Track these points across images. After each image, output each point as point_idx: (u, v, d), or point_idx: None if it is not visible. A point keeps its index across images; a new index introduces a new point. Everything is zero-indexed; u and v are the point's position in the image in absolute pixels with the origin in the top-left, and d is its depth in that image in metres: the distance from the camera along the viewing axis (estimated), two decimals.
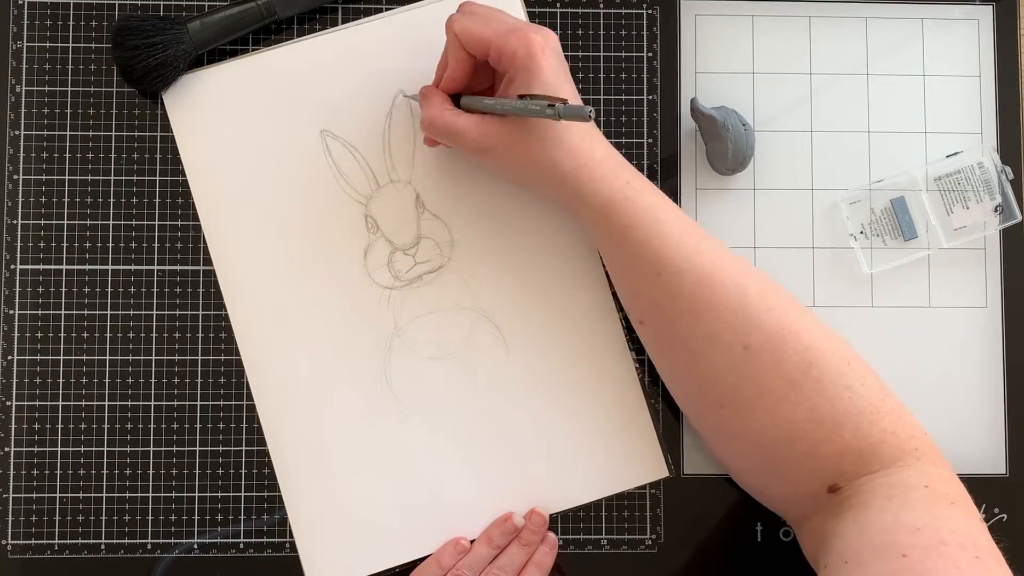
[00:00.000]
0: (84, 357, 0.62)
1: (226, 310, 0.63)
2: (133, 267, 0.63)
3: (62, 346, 0.62)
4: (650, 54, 0.65)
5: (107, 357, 0.62)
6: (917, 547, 0.46)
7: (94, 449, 0.62)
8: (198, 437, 0.62)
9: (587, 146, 0.55)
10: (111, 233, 0.63)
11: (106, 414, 0.62)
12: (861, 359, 0.54)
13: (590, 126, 0.56)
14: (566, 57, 0.64)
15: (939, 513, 0.49)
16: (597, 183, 0.55)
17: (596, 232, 0.57)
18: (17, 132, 0.63)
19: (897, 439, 0.52)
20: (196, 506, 0.62)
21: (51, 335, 0.62)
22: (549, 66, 0.54)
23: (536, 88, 0.53)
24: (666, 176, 0.64)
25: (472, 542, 0.61)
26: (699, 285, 0.54)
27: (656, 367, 0.60)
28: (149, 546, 0.62)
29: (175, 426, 0.62)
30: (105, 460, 0.62)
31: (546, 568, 0.61)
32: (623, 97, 0.64)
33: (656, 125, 0.64)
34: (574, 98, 0.56)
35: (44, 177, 0.63)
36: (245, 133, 0.63)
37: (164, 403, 0.62)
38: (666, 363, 0.58)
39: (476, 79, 0.58)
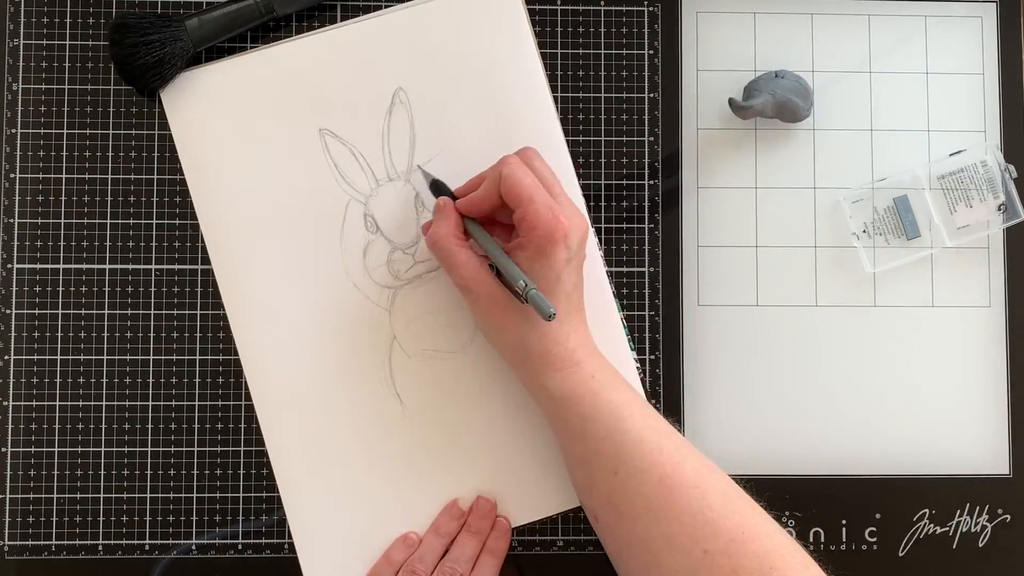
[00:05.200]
0: (81, 357, 0.62)
1: (224, 309, 0.62)
2: (131, 266, 0.63)
3: (59, 346, 0.62)
4: (651, 51, 0.64)
5: (104, 357, 0.62)
6: None
7: (91, 449, 0.62)
8: (196, 437, 0.62)
9: (562, 335, 0.54)
10: (108, 232, 0.63)
11: (104, 414, 0.62)
12: (818, 567, 0.52)
13: (574, 313, 0.56)
14: (567, 54, 0.64)
15: None
16: (558, 373, 0.54)
17: (552, 422, 0.56)
18: (14, 130, 0.63)
19: None
20: (194, 506, 0.62)
21: (48, 335, 0.62)
22: (562, 255, 0.53)
23: (540, 267, 0.53)
24: (667, 175, 0.64)
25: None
26: (659, 486, 0.52)
27: (612, 563, 0.57)
28: (147, 547, 0.62)
29: (173, 426, 0.62)
30: (103, 460, 0.62)
31: (500, 554, 0.60)
32: (624, 95, 0.64)
33: (657, 123, 0.64)
34: (571, 289, 0.55)
35: (41, 175, 0.63)
36: (243, 131, 0.63)
37: (162, 403, 0.62)
38: (622, 562, 0.56)
39: (501, 214, 0.57)
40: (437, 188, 0.60)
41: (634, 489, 0.53)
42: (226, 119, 0.63)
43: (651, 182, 0.64)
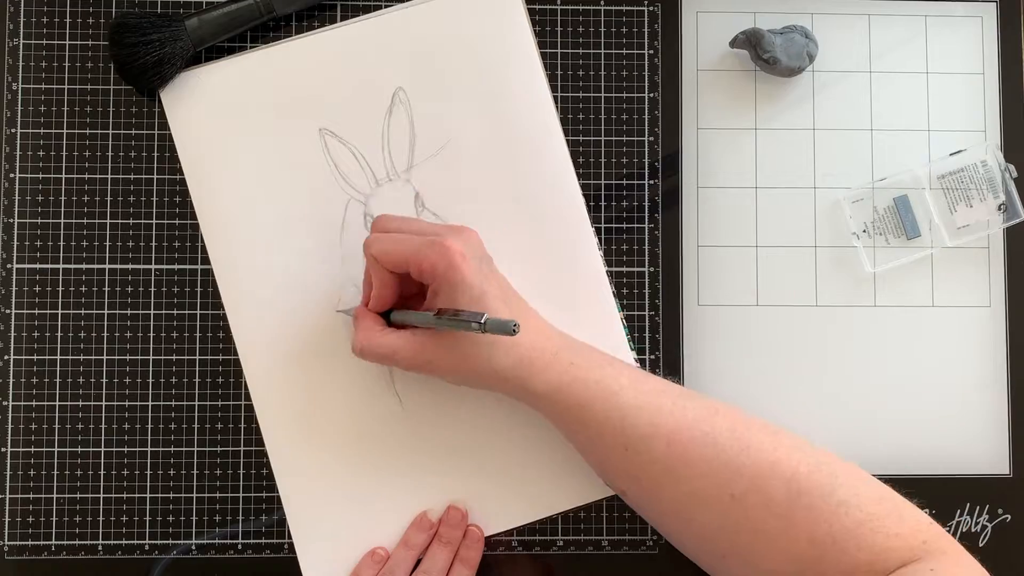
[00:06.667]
0: (81, 357, 0.62)
1: (224, 309, 0.62)
2: (131, 266, 0.63)
3: (59, 346, 0.62)
4: (651, 51, 0.64)
5: (104, 357, 0.62)
6: None
7: (91, 449, 0.62)
8: (196, 437, 0.62)
9: (523, 339, 0.54)
10: (108, 232, 0.62)
11: (103, 414, 0.62)
12: (848, 467, 0.53)
13: (522, 313, 0.55)
14: (567, 54, 0.64)
15: None
16: (541, 374, 0.54)
17: (552, 418, 0.56)
18: (14, 130, 0.63)
19: (902, 539, 0.51)
20: (194, 506, 0.62)
21: (48, 335, 0.62)
22: (472, 272, 0.53)
23: (461, 296, 0.53)
24: (667, 175, 0.64)
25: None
26: (669, 447, 0.53)
27: (651, 525, 0.59)
28: (147, 547, 0.62)
29: (173, 426, 0.62)
30: (103, 460, 0.62)
31: (473, 563, 0.60)
32: (624, 95, 0.64)
33: (657, 123, 0.64)
34: (502, 293, 0.55)
35: (41, 175, 0.63)
36: (243, 131, 0.63)
37: (162, 403, 0.62)
38: (660, 526, 0.57)
39: (406, 287, 0.57)
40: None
41: (647, 458, 0.53)
42: (226, 119, 0.63)
43: (651, 182, 0.64)
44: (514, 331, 0.49)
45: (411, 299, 0.58)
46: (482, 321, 0.50)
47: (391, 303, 0.57)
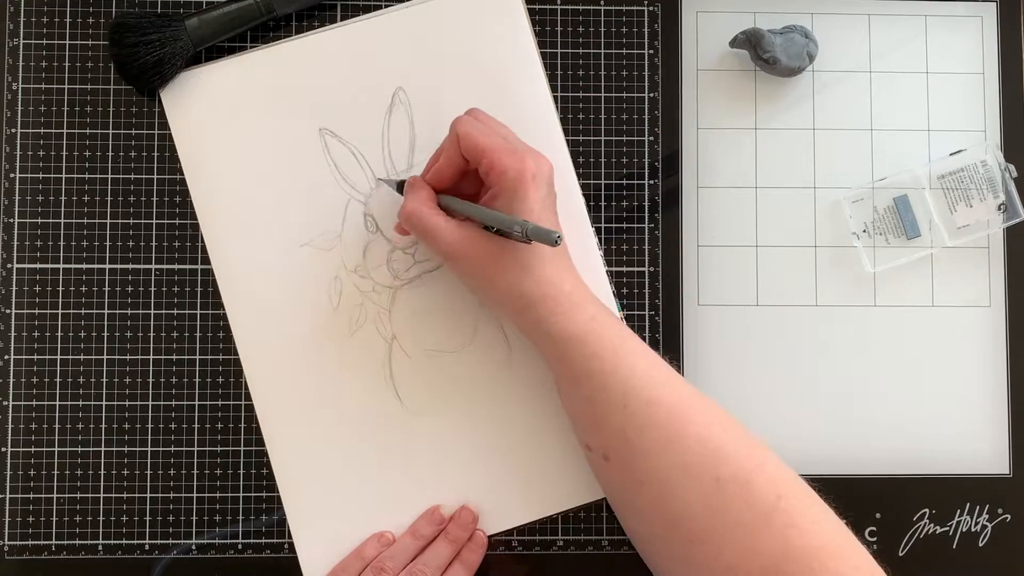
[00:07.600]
0: (81, 357, 0.62)
1: (224, 309, 0.62)
2: (131, 266, 0.63)
3: (59, 345, 0.62)
4: (651, 51, 0.64)
5: (104, 356, 0.62)
6: None
7: (91, 449, 0.62)
8: (196, 437, 0.62)
9: (556, 277, 0.55)
10: (108, 232, 0.63)
11: (103, 414, 0.62)
12: (820, 498, 0.53)
13: (563, 256, 0.56)
14: (567, 54, 0.64)
15: None
16: (560, 316, 0.54)
17: (556, 364, 0.56)
18: (14, 130, 0.63)
19: (860, 573, 0.50)
20: (194, 506, 0.62)
21: (48, 334, 0.62)
22: (536, 194, 0.54)
23: (518, 209, 0.53)
24: (667, 175, 0.64)
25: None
26: (671, 416, 0.53)
27: (618, 506, 0.57)
28: (147, 547, 0.62)
29: (173, 426, 0.62)
30: (103, 460, 0.62)
31: (472, 566, 0.60)
32: (624, 95, 0.64)
33: (657, 123, 0.64)
34: (553, 225, 0.55)
35: (41, 175, 0.63)
36: (243, 131, 0.63)
37: (162, 403, 0.62)
38: (633, 500, 0.55)
39: (466, 183, 0.58)
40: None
41: (645, 421, 0.53)
42: (226, 119, 0.63)
43: (651, 182, 0.64)
44: (556, 241, 0.49)
45: (464, 198, 0.58)
46: (525, 223, 0.50)
47: (447, 185, 0.57)
